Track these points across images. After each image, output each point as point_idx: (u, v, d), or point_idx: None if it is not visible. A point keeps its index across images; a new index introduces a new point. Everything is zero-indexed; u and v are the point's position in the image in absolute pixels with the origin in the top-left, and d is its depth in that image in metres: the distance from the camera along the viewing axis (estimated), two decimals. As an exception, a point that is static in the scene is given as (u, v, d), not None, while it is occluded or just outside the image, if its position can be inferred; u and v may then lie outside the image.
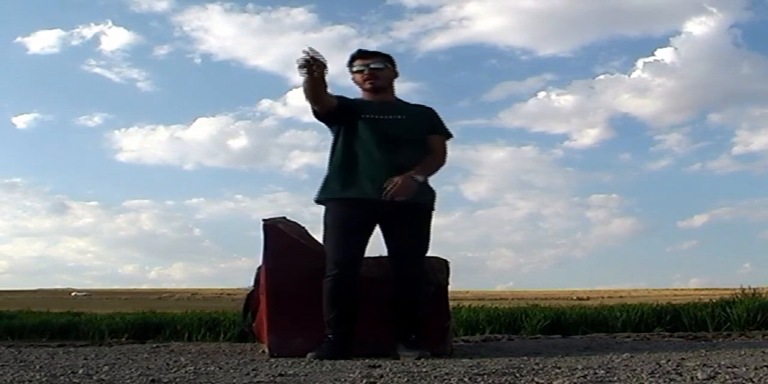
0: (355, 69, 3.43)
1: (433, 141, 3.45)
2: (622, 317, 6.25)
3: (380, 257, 3.40)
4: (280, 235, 3.42)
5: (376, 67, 3.40)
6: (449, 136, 3.51)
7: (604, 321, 6.30)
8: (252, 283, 3.77)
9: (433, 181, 3.42)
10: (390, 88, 3.49)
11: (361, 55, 3.44)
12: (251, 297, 3.81)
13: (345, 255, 3.23)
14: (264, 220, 3.49)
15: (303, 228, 3.54)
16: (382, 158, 3.30)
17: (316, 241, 3.44)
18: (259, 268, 3.60)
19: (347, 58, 3.48)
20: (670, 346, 3.83)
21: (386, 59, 3.46)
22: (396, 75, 3.50)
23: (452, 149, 3.53)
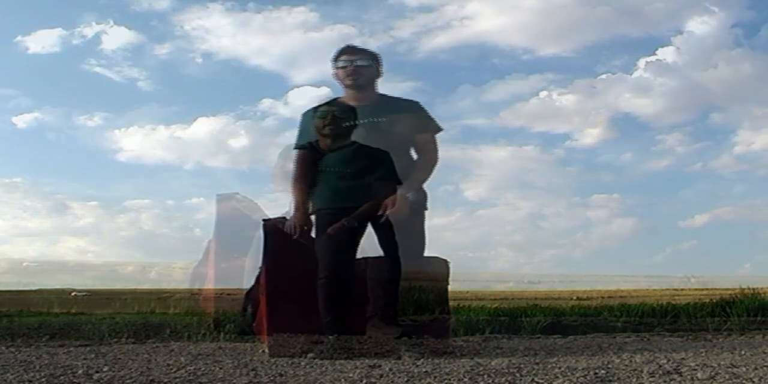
0: (339, 64, 3.38)
1: (420, 141, 3.37)
2: (622, 317, 6.24)
3: (382, 258, 3.40)
4: (280, 235, 3.42)
5: (361, 64, 3.35)
6: (438, 129, 3.41)
7: (604, 321, 6.28)
8: (252, 282, 3.76)
9: (433, 181, 3.39)
10: (371, 86, 3.42)
11: (348, 50, 3.39)
12: (250, 295, 3.80)
13: (335, 258, 3.20)
14: (264, 220, 3.49)
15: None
16: (363, 164, 3.26)
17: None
18: (260, 268, 3.59)
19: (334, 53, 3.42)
20: (670, 346, 3.83)
21: (372, 58, 3.40)
22: (379, 75, 3.42)
23: (453, 149, 3.52)
